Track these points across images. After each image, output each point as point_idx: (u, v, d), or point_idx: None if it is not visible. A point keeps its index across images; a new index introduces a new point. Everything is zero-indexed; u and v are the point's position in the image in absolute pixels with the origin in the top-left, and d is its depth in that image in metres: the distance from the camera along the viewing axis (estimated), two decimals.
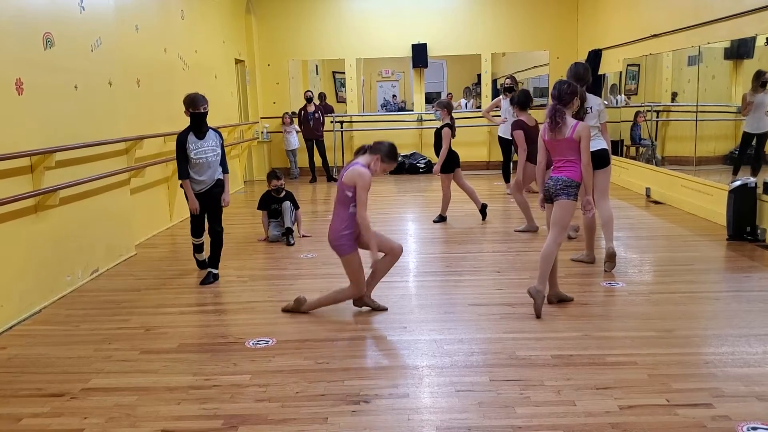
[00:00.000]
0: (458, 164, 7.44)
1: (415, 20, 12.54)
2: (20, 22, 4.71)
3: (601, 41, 11.04)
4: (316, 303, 4.55)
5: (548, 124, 4.41)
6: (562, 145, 4.38)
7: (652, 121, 9.60)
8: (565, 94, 4.38)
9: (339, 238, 4.31)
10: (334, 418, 3.03)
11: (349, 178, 4.23)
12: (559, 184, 4.36)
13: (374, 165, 4.30)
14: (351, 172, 4.23)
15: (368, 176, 4.23)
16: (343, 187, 4.27)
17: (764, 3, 6.22)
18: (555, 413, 3.00)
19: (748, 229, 6.21)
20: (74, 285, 5.34)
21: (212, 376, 3.55)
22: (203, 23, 9.60)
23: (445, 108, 7.37)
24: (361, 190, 4.18)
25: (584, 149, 4.34)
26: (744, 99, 7.71)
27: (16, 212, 4.59)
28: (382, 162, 4.30)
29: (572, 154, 4.37)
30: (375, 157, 4.30)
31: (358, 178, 4.20)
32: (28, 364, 3.82)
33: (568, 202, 4.35)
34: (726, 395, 3.13)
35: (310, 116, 11.89)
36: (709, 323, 4.19)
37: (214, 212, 5.37)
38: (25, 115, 4.73)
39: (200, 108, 5.18)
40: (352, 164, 4.31)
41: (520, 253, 6.08)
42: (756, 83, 7.52)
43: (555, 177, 4.41)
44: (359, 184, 4.18)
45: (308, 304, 4.52)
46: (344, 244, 4.33)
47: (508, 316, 4.36)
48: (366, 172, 4.23)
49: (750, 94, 7.33)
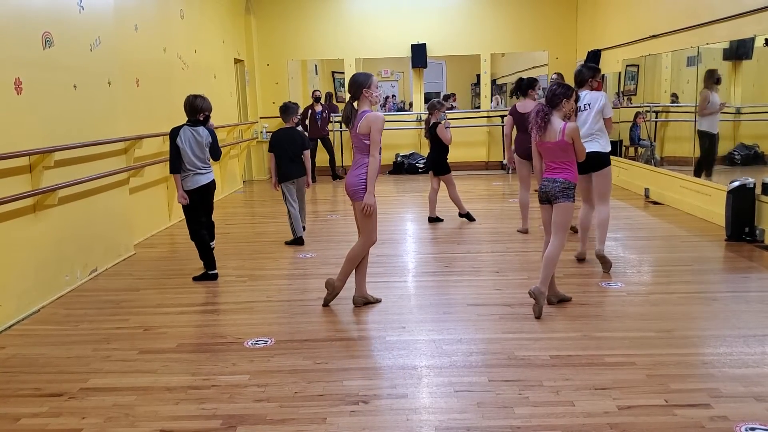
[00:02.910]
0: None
1: (414, 20, 12.54)
2: (19, 21, 4.70)
3: (600, 42, 11.05)
4: (343, 275, 4.64)
5: (533, 125, 4.45)
6: (553, 148, 4.40)
7: (651, 122, 9.61)
8: (553, 95, 4.41)
9: (356, 183, 4.44)
10: (333, 418, 3.03)
11: (364, 126, 4.35)
12: (557, 187, 4.36)
13: (372, 98, 4.44)
14: (365, 120, 4.35)
15: (381, 119, 4.39)
16: (359, 137, 4.40)
17: (763, 4, 6.23)
18: (554, 413, 3.01)
19: (747, 230, 6.21)
20: (73, 284, 5.33)
21: (211, 376, 3.55)
22: (203, 23, 9.60)
23: (437, 109, 7.53)
24: (376, 132, 4.34)
25: (578, 147, 4.38)
26: (706, 99, 8.00)
27: (14, 212, 4.59)
28: (371, 90, 4.43)
29: (564, 157, 4.38)
30: (364, 93, 4.42)
31: (373, 122, 4.33)
32: (26, 364, 3.82)
33: (568, 204, 4.36)
34: (724, 396, 3.13)
35: (318, 115, 11.88)
36: (708, 324, 4.19)
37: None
38: (24, 114, 4.73)
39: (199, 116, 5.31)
40: (361, 115, 4.39)
41: (519, 254, 6.08)
42: (710, 81, 7.85)
43: (550, 179, 4.41)
44: (374, 128, 4.33)
45: (339, 280, 4.63)
46: (360, 188, 4.43)
47: (506, 316, 4.37)
48: (379, 116, 4.39)
49: (710, 93, 7.63)
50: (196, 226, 5.39)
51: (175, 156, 5.26)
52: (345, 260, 4.64)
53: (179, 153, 5.23)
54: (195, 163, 5.27)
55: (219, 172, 9.71)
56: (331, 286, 4.64)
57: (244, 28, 12.18)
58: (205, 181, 5.37)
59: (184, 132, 5.24)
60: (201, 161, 5.31)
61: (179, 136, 5.22)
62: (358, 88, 4.41)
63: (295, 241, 6.68)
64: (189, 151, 5.23)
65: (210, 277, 5.43)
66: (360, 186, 4.42)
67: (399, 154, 12.89)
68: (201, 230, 5.41)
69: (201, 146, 5.28)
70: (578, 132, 4.41)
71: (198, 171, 5.30)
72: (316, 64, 14.33)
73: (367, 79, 4.41)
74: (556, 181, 4.38)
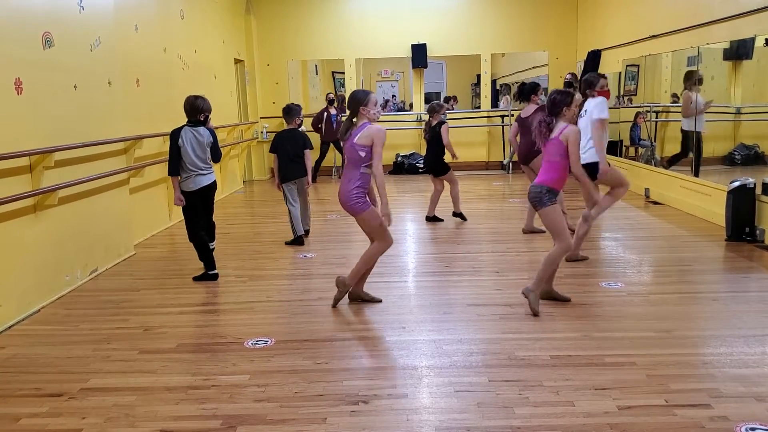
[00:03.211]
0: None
1: (414, 20, 12.54)
2: (19, 21, 4.71)
3: (600, 42, 11.05)
4: (356, 272, 4.63)
5: (536, 135, 4.49)
6: (549, 146, 4.42)
7: (651, 122, 9.61)
8: (553, 105, 4.42)
9: (351, 198, 4.44)
10: (333, 418, 3.03)
11: (365, 137, 4.38)
12: (532, 194, 4.43)
13: (369, 116, 4.46)
14: (367, 131, 4.38)
15: (384, 132, 4.43)
16: (356, 148, 4.41)
17: (763, 4, 6.23)
18: (554, 414, 3.01)
19: (747, 230, 6.21)
20: (73, 285, 5.33)
21: (211, 376, 3.55)
22: (203, 23, 9.60)
23: (436, 111, 7.60)
24: (379, 146, 4.39)
25: (572, 154, 4.34)
26: (689, 99, 8.12)
27: (15, 212, 4.59)
28: (368, 107, 4.45)
29: (556, 155, 4.39)
30: (362, 111, 4.45)
31: (376, 136, 4.37)
32: (26, 364, 3.82)
33: (546, 209, 4.37)
34: (724, 396, 3.13)
35: (333, 118, 11.84)
36: (708, 324, 4.19)
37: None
38: (24, 114, 4.73)
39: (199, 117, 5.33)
40: (361, 127, 4.41)
41: (519, 254, 6.08)
42: (690, 82, 7.95)
43: (532, 185, 4.48)
44: (377, 141, 4.37)
45: (351, 278, 4.62)
46: (358, 202, 4.43)
47: (507, 316, 4.37)
48: (382, 129, 4.42)
49: (692, 94, 7.74)
50: (195, 227, 5.39)
51: (174, 157, 5.26)
52: (360, 260, 4.63)
53: (179, 154, 5.23)
54: (197, 163, 5.27)
55: (219, 172, 9.71)
56: (342, 284, 4.65)
57: (245, 29, 12.18)
58: (207, 182, 5.37)
59: (185, 132, 5.24)
60: (202, 162, 5.31)
61: (180, 137, 5.22)
62: (356, 105, 4.45)
63: (295, 241, 6.69)
64: (191, 151, 5.23)
65: (210, 277, 5.43)
66: (357, 201, 4.42)
67: (399, 154, 12.89)
68: (200, 231, 5.41)
69: (202, 146, 5.28)
70: (577, 137, 4.33)
71: (200, 172, 5.31)
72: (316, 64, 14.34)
73: (365, 97, 4.45)
74: (535, 186, 4.42)
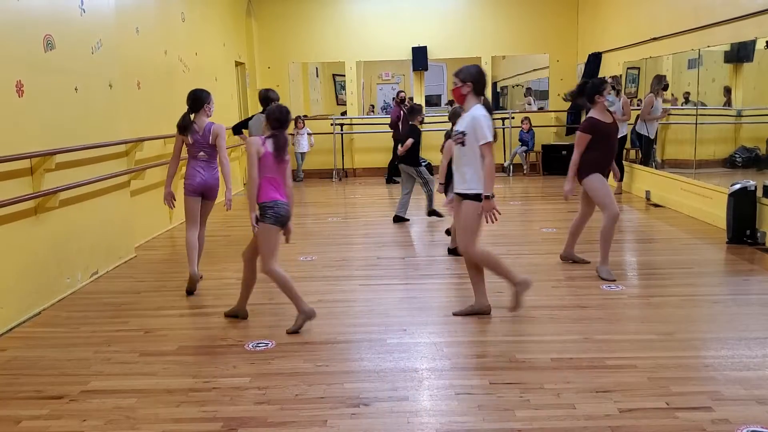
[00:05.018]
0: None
1: (415, 23, 12.55)
2: (21, 23, 4.71)
3: (601, 44, 11.06)
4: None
5: None
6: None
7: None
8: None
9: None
10: (334, 420, 3.03)
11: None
12: None
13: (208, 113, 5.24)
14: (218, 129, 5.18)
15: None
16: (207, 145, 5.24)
17: (764, 6, 6.23)
18: (555, 416, 3.00)
19: (748, 233, 6.21)
20: (74, 287, 5.33)
21: (211, 378, 3.55)
22: (204, 26, 9.61)
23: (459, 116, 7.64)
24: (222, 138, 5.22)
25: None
26: (650, 103, 8.20)
27: (16, 214, 4.59)
28: (210, 105, 5.29)
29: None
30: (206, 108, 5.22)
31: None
32: (27, 366, 3.82)
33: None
34: (726, 398, 3.13)
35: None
36: (709, 326, 4.19)
37: None
38: (26, 116, 4.73)
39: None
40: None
41: (519, 257, 6.08)
42: (657, 87, 8.03)
43: None
44: (221, 134, 5.22)
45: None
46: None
47: (507, 319, 4.36)
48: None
49: (654, 99, 7.85)
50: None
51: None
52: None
53: None
54: None
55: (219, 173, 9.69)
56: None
57: (245, 31, 12.19)
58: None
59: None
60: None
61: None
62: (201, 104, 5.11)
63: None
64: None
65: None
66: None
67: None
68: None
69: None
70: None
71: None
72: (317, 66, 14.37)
73: (208, 97, 5.16)
74: None
